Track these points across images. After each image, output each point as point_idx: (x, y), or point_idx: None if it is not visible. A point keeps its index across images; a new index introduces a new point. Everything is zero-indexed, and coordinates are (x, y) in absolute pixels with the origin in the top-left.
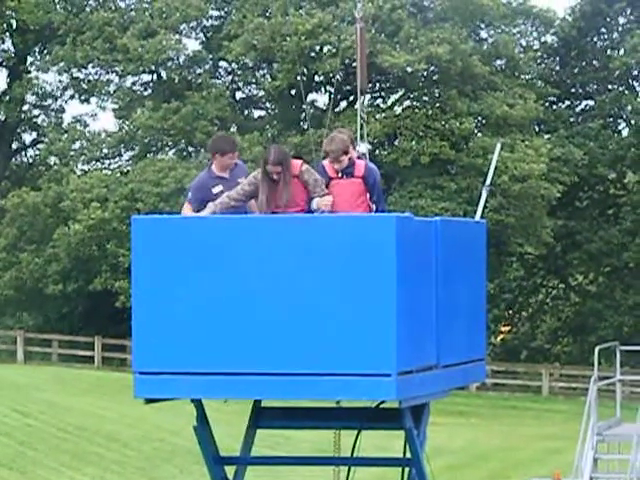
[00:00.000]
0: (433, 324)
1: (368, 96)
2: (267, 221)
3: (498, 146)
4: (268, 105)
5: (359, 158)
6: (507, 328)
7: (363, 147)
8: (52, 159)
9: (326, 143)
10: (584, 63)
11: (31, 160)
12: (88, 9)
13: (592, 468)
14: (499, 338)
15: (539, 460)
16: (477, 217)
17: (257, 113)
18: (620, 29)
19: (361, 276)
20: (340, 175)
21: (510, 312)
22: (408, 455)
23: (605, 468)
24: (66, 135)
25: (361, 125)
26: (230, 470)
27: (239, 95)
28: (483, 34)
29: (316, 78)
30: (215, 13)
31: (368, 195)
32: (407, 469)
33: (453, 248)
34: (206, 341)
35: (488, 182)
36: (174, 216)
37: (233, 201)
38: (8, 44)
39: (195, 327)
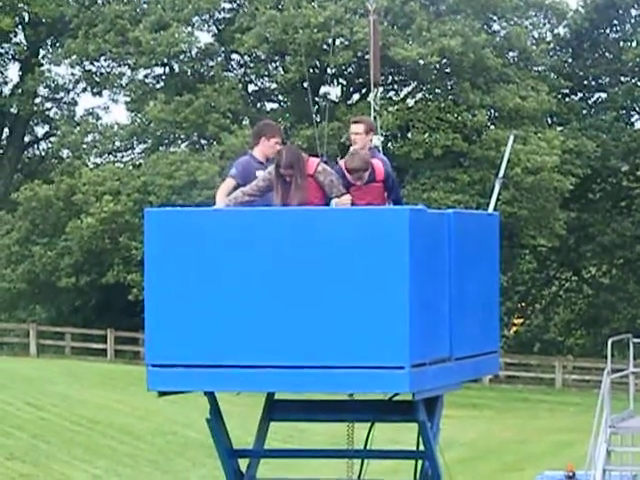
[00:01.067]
0: (446, 316)
1: (381, 89)
2: (280, 214)
3: (511, 138)
4: (280, 98)
5: (370, 150)
6: (520, 320)
7: (376, 140)
8: (64, 152)
9: (347, 160)
10: (597, 55)
11: (43, 153)
12: (100, 2)
13: (605, 461)
14: (512, 330)
15: (552, 453)
16: (490, 209)
17: (270, 106)
18: (633, 21)
19: (374, 269)
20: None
21: (523, 304)
22: (421, 448)
23: (618, 460)
24: (78, 128)
25: (374, 118)
26: (243, 463)
27: (251, 88)
28: (495, 26)
29: (328, 70)
30: (227, 5)
31: (386, 194)
32: (420, 462)
33: (466, 240)
34: (219, 334)
35: (501, 174)
36: (187, 209)
37: (247, 196)
38: (20, 37)
39: (208, 320)
